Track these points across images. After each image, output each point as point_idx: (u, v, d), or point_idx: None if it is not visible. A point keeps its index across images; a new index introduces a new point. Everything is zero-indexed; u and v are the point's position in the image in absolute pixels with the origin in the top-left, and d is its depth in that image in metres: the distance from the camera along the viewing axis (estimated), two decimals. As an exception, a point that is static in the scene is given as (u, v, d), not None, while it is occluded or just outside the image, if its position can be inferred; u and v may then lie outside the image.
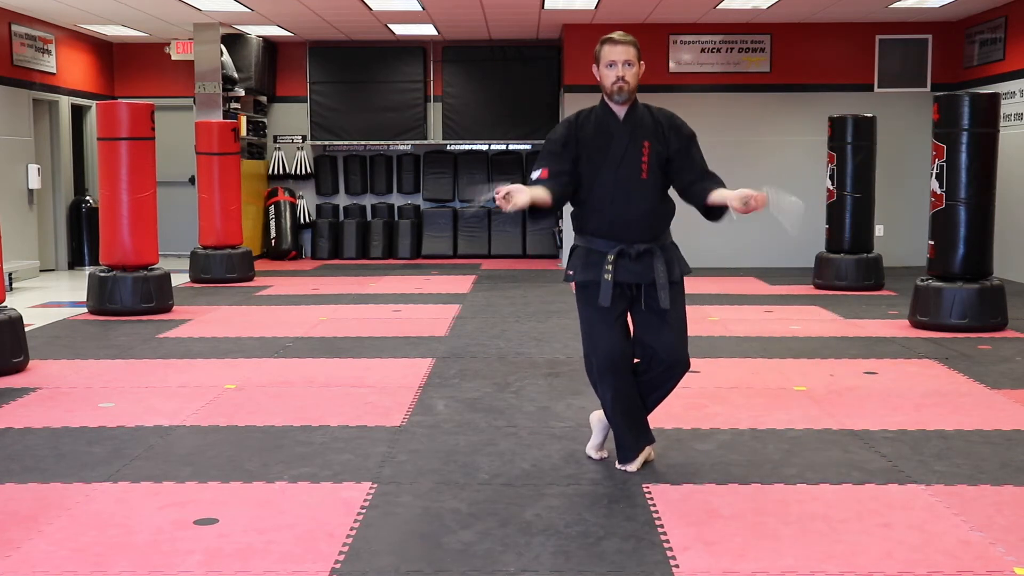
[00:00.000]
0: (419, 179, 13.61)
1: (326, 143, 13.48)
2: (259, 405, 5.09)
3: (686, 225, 13.35)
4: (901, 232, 11.81)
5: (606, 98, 3.88)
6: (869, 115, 9.75)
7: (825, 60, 11.95)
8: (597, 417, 4.12)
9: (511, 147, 13.51)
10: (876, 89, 11.96)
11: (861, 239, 9.68)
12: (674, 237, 4.07)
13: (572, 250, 3.97)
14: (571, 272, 3.91)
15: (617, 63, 3.80)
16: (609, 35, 3.88)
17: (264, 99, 13.34)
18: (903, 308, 8.07)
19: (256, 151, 13.10)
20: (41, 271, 11.61)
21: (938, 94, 7.59)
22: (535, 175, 3.80)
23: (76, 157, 12.65)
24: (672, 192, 4.02)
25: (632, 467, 3.94)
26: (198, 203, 10.65)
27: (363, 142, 13.45)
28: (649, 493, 3.72)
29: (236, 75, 12.29)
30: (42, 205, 11.78)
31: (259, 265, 11.93)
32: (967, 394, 5.33)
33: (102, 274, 8.13)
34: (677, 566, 3.05)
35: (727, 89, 12.00)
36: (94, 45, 12.99)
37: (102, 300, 8.07)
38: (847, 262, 9.63)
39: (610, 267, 3.80)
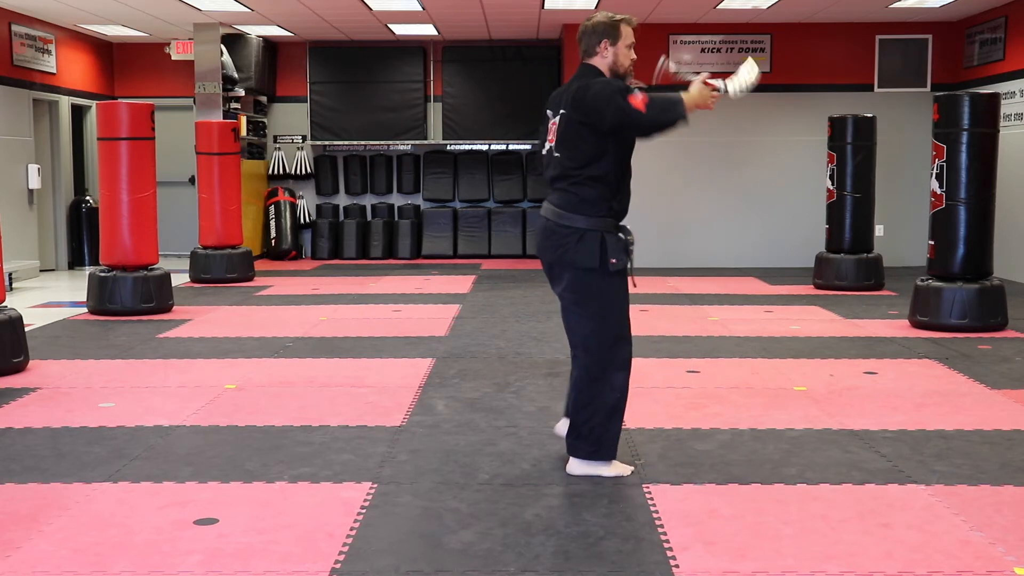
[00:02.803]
0: (419, 179, 13.61)
1: (326, 143, 13.48)
2: (259, 405, 5.09)
3: (688, 225, 13.26)
4: (901, 232, 11.81)
5: (617, 76, 3.89)
6: (869, 115, 9.75)
7: (825, 60, 11.96)
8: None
9: (511, 147, 13.51)
10: (876, 89, 11.96)
11: (861, 239, 9.68)
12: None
13: (599, 237, 3.75)
14: (615, 260, 3.76)
15: (632, 45, 3.93)
16: (626, 16, 3.95)
17: (264, 99, 13.34)
18: (903, 308, 8.07)
19: (256, 151, 13.10)
20: (41, 271, 11.61)
21: (938, 94, 7.59)
22: (639, 97, 3.66)
23: (76, 157, 12.64)
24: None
25: (610, 470, 3.89)
26: (198, 203, 10.65)
27: (363, 142, 13.46)
28: (649, 493, 3.72)
29: (236, 75, 12.29)
30: (42, 205, 11.78)
31: (259, 265, 11.93)
32: (967, 394, 5.33)
33: (102, 274, 8.13)
34: (677, 566, 3.05)
35: (727, 89, 11.97)
36: (94, 45, 12.99)
37: (102, 300, 8.07)
38: (847, 262, 9.63)
39: (632, 250, 3.84)
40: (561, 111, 3.85)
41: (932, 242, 7.43)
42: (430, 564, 3.07)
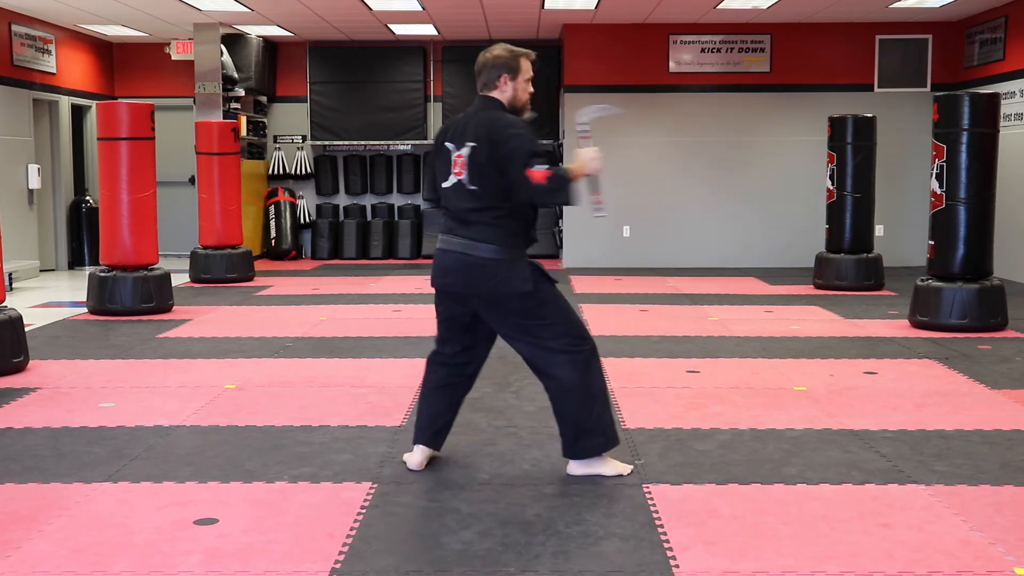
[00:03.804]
0: (419, 179, 13.60)
1: (326, 143, 13.48)
2: (259, 405, 5.09)
3: (689, 225, 13.23)
4: (901, 232, 11.82)
5: (515, 111, 3.91)
6: (869, 115, 9.75)
7: (825, 60, 11.96)
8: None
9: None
10: (876, 89, 11.96)
11: (861, 239, 9.69)
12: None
13: (515, 265, 3.78)
14: (533, 280, 3.80)
15: (531, 79, 3.96)
16: (525, 50, 3.96)
17: (264, 99, 13.34)
18: (903, 308, 8.07)
19: (256, 151, 13.10)
20: (41, 271, 11.61)
21: (938, 94, 7.59)
22: (542, 171, 3.68)
23: (76, 157, 12.64)
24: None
25: (610, 469, 3.89)
26: (198, 203, 10.65)
27: (363, 142, 13.45)
28: (649, 493, 3.72)
29: (236, 75, 12.29)
30: (42, 205, 11.78)
31: (259, 265, 11.93)
32: (967, 394, 5.33)
33: (102, 274, 8.13)
34: (677, 566, 3.05)
35: (727, 89, 12.01)
36: (94, 45, 12.99)
37: (102, 300, 8.07)
38: (847, 262, 9.63)
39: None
40: (471, 144, 3.77)
41: (932, 242, 7.43)
42: (430, 564, 3.07)
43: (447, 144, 3.88)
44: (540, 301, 3.81)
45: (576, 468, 3.90)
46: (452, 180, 3.83)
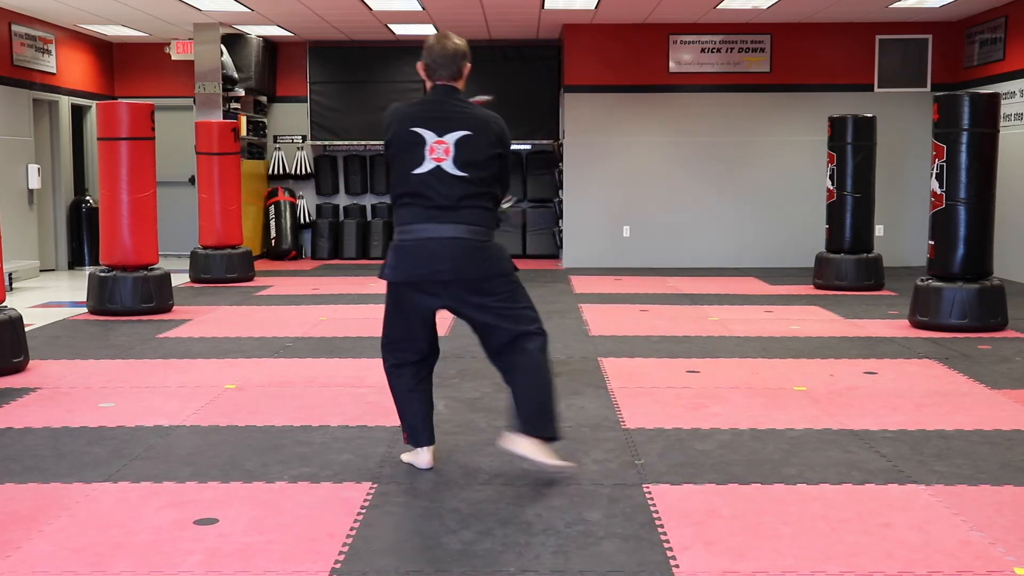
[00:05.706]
0: (419, 179, 13.59)
1: (326, 143, 13.48)
2: (259, 405, 5.09)
3: (688, 225, 13.21)
4: (901, 232, 11.82)
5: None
6: (869, 115, 9.75)
7: (825, 60, 11.96)
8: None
9: (511, 147, 13.48)
10: (876, 89, 11.96)
11: (861, 239, 9.69)
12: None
13: (501, 248, 3.90)
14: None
15: None
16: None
17: (264, 99, 13.34)
18: (903, 308, 8.07)
19: (256, 151, 13.10)
20: (41, 271, 11.61)
21: (938, 94, 7.59)
22: None
23: (76, 157, 12.64)
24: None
25: (548, 459, 3.86)
26: (198, 203, 10.65)
27: (363, 142, 13.45)
28: (649, 493, 3.72)
29: (236, 75, 12.29)
30: (42, 205, 11.78)
31: (259, 265, 11.93)
32: (967, 394, 5.33)
33: (102, 274, 8.13)
34: (677, 566, 3.05)
35: (727, 89, 12.01)
36: (94, 45, 12.99)
37: (102, 300, 8.07)
38: (847, 262, 9.63)
39: None
40: (463, 132, 3.82)
41: (932, 242, 7.43)
42: (430, 564, 3.07)
43: (418, 130, 3.86)
44: (517, 282, 3.92)
45: (517, 445, 3.85)
46: (429, 166, 3.81)
